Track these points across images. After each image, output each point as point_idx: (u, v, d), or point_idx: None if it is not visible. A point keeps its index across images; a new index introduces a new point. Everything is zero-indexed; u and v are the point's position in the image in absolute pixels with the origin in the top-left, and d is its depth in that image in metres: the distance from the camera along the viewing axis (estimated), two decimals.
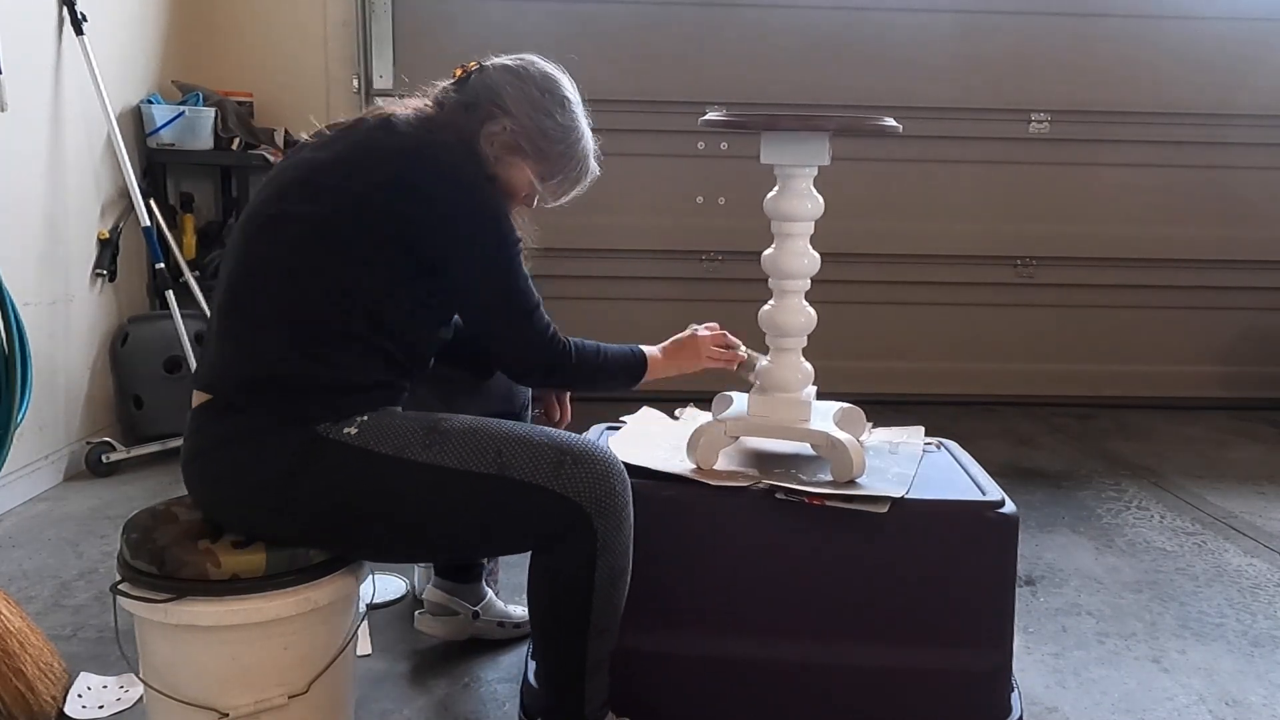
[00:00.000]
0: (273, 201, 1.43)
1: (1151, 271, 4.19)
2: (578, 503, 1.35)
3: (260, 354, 1.37)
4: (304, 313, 1.37)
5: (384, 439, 1.35)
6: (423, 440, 1.35)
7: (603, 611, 1.40)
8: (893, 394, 4.16)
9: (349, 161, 1.41)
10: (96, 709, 1.68)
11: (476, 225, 1.42)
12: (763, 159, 1.63)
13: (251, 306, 1.40)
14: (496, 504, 1.36)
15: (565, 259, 3.79)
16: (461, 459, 1.35)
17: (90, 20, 2.94)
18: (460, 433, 1.37)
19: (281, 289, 1.38)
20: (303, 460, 1.34)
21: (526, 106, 1.48)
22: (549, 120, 1.49)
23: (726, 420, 1.68)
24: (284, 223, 1.40)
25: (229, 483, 1.37)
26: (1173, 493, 3.06)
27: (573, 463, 1.36)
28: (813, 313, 1.71)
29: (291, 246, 1.39)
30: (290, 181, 1.44)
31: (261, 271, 1.41)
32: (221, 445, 1.37)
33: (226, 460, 1.37)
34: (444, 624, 1.92)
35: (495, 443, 1.36)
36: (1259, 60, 4.07)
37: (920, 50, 4.00)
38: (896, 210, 4.10)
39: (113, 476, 2.97)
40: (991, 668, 1.59)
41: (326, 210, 1.38)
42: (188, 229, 3.51)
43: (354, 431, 1.35)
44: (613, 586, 1.40)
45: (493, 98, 1.48)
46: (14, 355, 2.32)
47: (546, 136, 1.50)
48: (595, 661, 1.44)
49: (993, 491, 1.60)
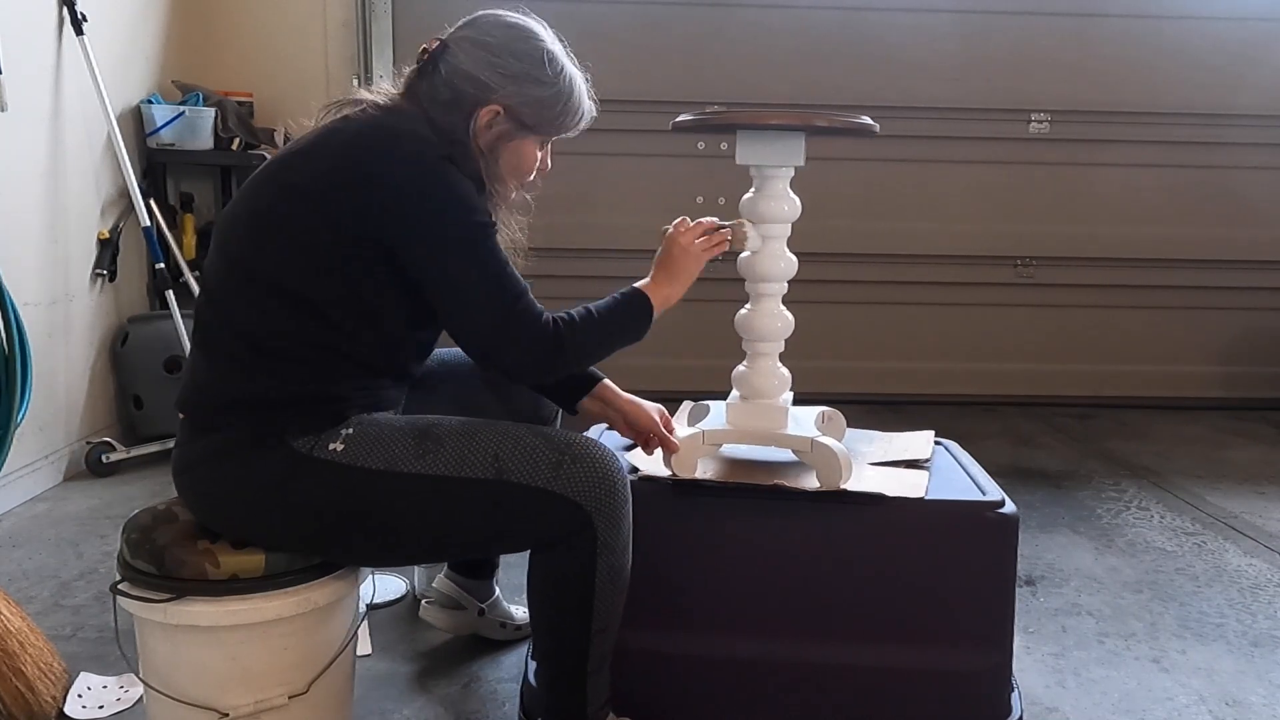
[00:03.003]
0: (236, 203, 1.40)
1: (1151, 271, 4.19)
2: (578, 502, 1.33)
3: (227, 372, 1.33)
4: (263, 324, 1.32)
5: (373, 453, 1.31)
6: (415, 450, 1.32)
7: (603, 610, 1.40)
8: (893, 394, 4.17)
9: (301, 154, 1.35)
10: (96, 709, 1.68)
11: (430, 206, 1.30)
12: (738, 159, 1.61)
13: (214, 320, 1.36)
14: (496, 508, 1.33)
15: (565, 259, 3.79)
16: (457, 466, 1.32)
17: (90, 20, 2.94)
18: (454, 437, 1.34)
19: (240, 297, 1.33)
20: (290, 479, 1.30)
21: (510, 84, 1.39)
22: (538, 87, 1.40)
23: (705, 430, 1.64)
24: (238, 223, 1.36)
25: (219, 499, 1.35)
26: (1173, 493, 3.06)
27: (571, 462, 1.33)
28: (790, 317, 1.67)
29: (244, 246, 1.34)
30: (252, 181, 1.39)
31: (222, 280, 1.36)
32: (206, 462, 1.35)
33: (214, 477, 1.34)
34: (449, 616, 1.92)
35: (492, 446, 1.33)
36: (1259, 60, 4.07)
37: (920, 50, 4.00)
38: (896, 210, 4.10)
39: (113, 476, 2.97)
40: (991, 668, 1.59)
41: (273, 205, 1.32)
42: (188, 229, 3.51)
43: (340, 448, 1.31)
44: (613, 584, 1.39)
45: (469, 88, 1.39)
46: (14, 355, 2.32)
47: (541, 103, 1.41)
48: (597, 661, 1.44)
49: (993, 491, 1.60)
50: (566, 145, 1.57)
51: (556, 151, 1.56)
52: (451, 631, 1.95)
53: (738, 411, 1.66)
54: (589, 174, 3.90)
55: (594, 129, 1.55)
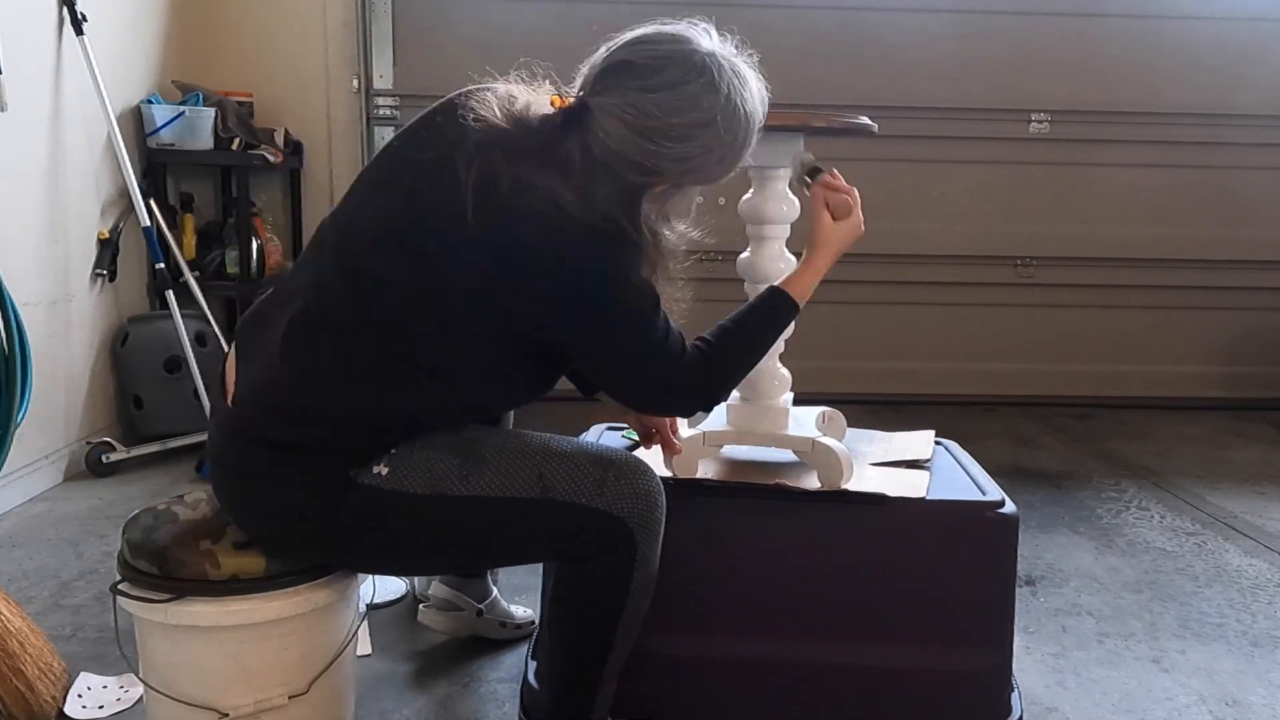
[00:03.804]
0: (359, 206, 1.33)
1: (1151, 271, 4.19)
2: (622, 519, 1.32)
3: (321, 384, 1.28)
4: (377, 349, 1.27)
5: (417, 477, 1.29)
6: (459, 472, 1.30)
7: (629, 621, 1.39)
8: (893, 394, 4.16)
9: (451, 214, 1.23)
10: (96, 709, 1.68)
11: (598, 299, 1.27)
12: None
13: (316, 325, 1.29)
14: (540, 525, 1.33)
15: None
16: (502, 486, 1.30)
17: (90, 20, 2.94)
18: (498, 458, 1.32)
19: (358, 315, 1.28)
20: (335, 505, 1.28)
21: (681, 166, 1.27)
22: (708, 156, 1.29)
23: (706, 431, 1.64)
24: (368, 237, 1.29)
25: (259, 513, 1.33)
26: (1173, 493, 3.06)
27: (616, 479, 1.33)
28: None
29: (374, 267, 1.27)
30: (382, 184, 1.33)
31: (338, 293, 1.29)
32: (251, 474, 1.31)
33: (256, 491, 1.32)
34: (448, 619, 1.92)
35: (535, 464, 1.32)
36: (1259, 60, 4.08)
37: (920, 50, 4.00)
38: (896, 210, 4.09)
39: (113, 476, 2.96)
40: (991, 668, 1.59)
41: (426, 282, 1.25)
42: (188, 229, 3.51)
43: (384, 471, 1.28)
44: (643, 596, 1.39)
45: (635, 174, 1.26)
46: (14, 355, 2.32)
47: (711, 166, 1.31)
48: (611, 671, 1.42)
49: (993, 491, 1.60)
50: None
51: None
52: (451, 634, 1.94)
53: (738, 412, 1.66)
54: None
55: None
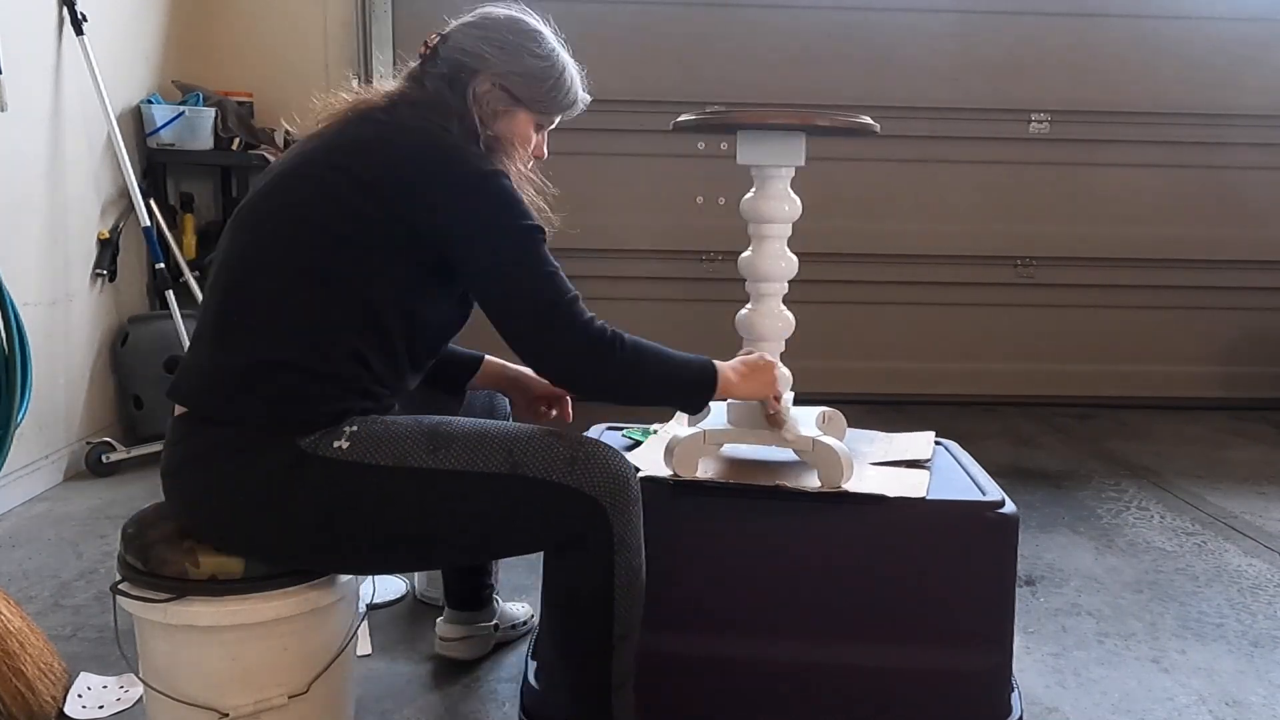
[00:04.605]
0: (263, 197, 1.38)
1: (1151, 271, 4.20)
2: (594, 497, 1.30)
3: (245, 361, 1.30)
4: (292, 315, 1.31)
5: (380, 449, 1.28)
6: (426, 446, 1.29)
7: (623, 614, 1.36)
8: (893, 394, 4.17)
9: (338, 150, 1.37)
10: (96, 709, 1.68)
11: (487, 212, 1.34)
12: (739, 159, 1.61)
13: (234, 309, 1.34)
14: (510, 503, 1.30)
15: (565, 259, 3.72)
16: (470, 460, 1.29)
17: (90, 20, 2.94)
18: (465, 435, 1.32)
19: (269, 288, 1.32)
20: (293, 476, 1.27)
21: (501, 55, 1.45)
22: (529, 59, 1.46)
23: (706, 429, 1.63)
24: (277, 221, 1.35)
25: (215, 501, 1.31)
26: (1173, 493, 3.06)
27: (585, 458, 1.31)
28: (790, 317, 1.67)
29: (278, 239, 1.34)
30: (280, 175, 1.39)
31: (249, 270, 1.35)
32: (204, 459, 1.31)
33: (212, 476, 1.31)
34: (468, 646, 1.88)
35: (505, 442, 1.31)
36: (1259, 60, 4.08)
37: (920, 50, 4.00)
38: (896, 210, 4.10)
39: (113, 476, 2.97)
40: (991, 668, 1.59)
41: (311, 201, 1.34)
42: (188, 229, 3.52)
43: (345, 445, 1.28)
44: (632, 586, 1.36)
45: (466, 59, 1.45)
46: (14, 355, 2.32)
47: (531, 75, 1.47)
48: (620, 675, 1.39)
49: (993, 491, 1.60)
50: (567, 146, 1.57)
51: (557, 152, 1.56)
52: (476, 656, 1.90)
53: (739, 411, 1.66)
54: (589, 174, 3.89)
55: (594, 129, 1.55)
